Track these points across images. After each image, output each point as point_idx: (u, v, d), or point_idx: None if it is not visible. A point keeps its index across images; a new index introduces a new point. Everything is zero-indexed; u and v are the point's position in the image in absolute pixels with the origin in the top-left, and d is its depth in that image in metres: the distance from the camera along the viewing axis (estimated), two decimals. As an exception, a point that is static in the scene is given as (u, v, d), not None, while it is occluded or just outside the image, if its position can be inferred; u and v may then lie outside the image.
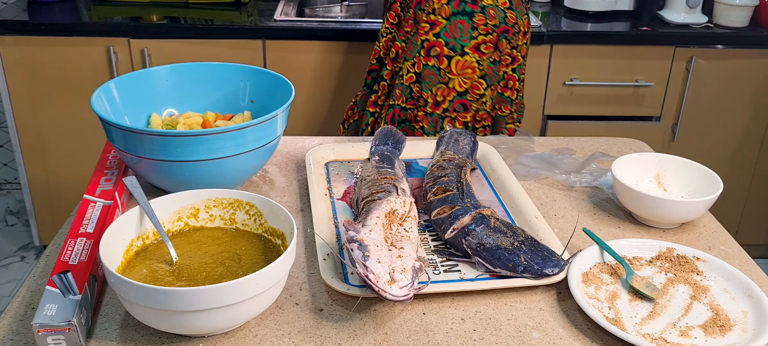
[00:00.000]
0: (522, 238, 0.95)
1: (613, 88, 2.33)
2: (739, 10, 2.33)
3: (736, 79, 2.35)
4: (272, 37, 2.21)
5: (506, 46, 1.66)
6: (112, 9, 2.35)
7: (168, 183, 1.08)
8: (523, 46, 1.71)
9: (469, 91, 1.67)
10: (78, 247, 0.88)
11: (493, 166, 1.22)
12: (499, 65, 1.67)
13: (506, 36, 1.66)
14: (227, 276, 0.83)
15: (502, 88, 1.71)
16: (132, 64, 2.23)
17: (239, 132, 1.02)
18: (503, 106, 1.73)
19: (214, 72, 1.25)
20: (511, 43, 1.67)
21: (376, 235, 0.88)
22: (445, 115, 1.69)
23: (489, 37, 1.64)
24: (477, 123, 1.71)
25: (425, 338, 0.82)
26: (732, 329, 0.85)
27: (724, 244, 1.05)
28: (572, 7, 2.45)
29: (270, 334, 0.82)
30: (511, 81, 1.71)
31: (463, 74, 1.65)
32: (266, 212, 0.91)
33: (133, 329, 0.82)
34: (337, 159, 1.25)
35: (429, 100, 1.68)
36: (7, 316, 0.84)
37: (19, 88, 2.24)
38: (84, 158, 2.33)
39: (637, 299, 0.90)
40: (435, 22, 1.63)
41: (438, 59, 1.64)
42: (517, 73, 1.71)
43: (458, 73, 1.65)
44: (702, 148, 2.45)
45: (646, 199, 1.05)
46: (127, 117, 1.17)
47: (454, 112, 1.69)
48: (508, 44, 1.66)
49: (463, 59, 1.64)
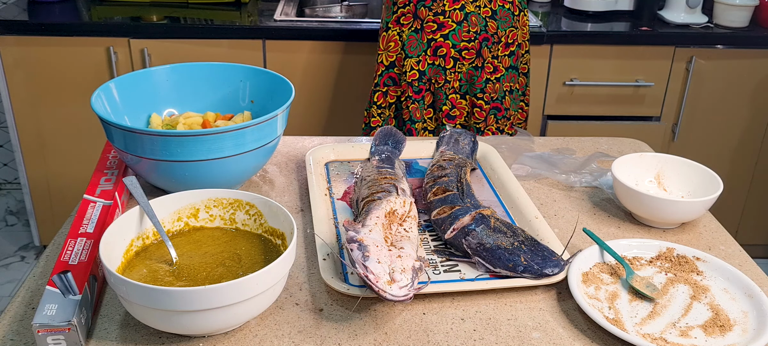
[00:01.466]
0: (522, 238, 0.95)
1: (613, 88, 2.33)
2: (739, 10, 2.33)
3: (736, 79, 2.35)
4: (272, 37, 2.21)
5: (488, 55, 1.69)
6: (112, 9, 2.35)
7: (168, 183, 1.08)
8: (506, 58, 1.73)
9: (444, 86, 1.72)
10: (78, 247, 0.88)
11: (493, 166, 1.22)
12: (482, 71, 1.71)
13: (487, 44, 1.70)
14: (227, 276, 0.83)
15: (480, 93, 1.73)
16: (132, 64, 2.23)
17: (239, 132, 1.02)
18: (477, 113, 1.76)
19: (214, 72, 1.25)
20: (491, 52, 1.69)
21: (376, 235, 0.88)
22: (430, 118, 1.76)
23: (471, 44, 1.69)
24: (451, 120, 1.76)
25: (425, 338, 0.82)
26: (732, 329, 0.85)
27: (724, 244, 1.05)
28: (572, 7, 2.45)
29: (270, 334, 0.82)
30: (489, 90, 1.73)
31: (459, 70, 1.70)
32: (266, 212, 0.91)
33: (133, 329, 0.82)
34: (337, 159, 1.25)
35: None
36: (7, 316, 0.84)
37: (19, 88, 2.24)
38: (84, 158, 2.33)
39: (637, 299, 0.90)
40: (443, 23, 1.67)
41: (444, 59, 1.69)
42: (500, 83, 1.74)
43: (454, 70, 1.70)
44: (702, 148, 2.45)
45: (646, 199, 1.05)
46: (127, 117, 1.17)
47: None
48: (489, 53, 1.69)
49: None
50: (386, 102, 1.78)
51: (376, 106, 1.79)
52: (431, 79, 1.71)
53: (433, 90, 1.73)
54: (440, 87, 1.72)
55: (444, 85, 1.71)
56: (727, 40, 2.32)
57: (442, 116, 1.74)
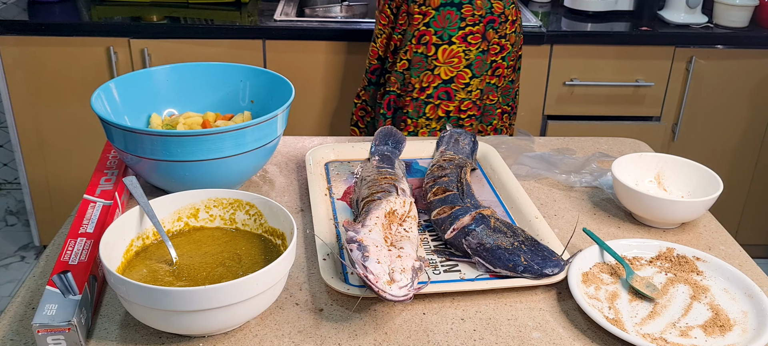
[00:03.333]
0: (522, 238, 0.95)
1: (613, 88, 2.33)
2: (739, 10, 2.33)
3: (736, 79, 2.35)
4: (272, 37, 2.21)
5: (493, 36, 1.69)
6: (112, 9, 2.35)
7: (168, 183, 1.08)
8: (513, 35, 1.73)
9: (455, 80, 1.71)
10: (78, 247, 0.88)
11: (493, 166, 1.22)
12: (487, 54, 1.70)
13: (493, 26, 1.69)
14: (227, 276, 0.83)
15: (490, 76, 1.73)
16: (132, 64, 2.23)
17: (239, 132, 1.02)
18: (490, 94, 1.75)
19: (214, 72, 1.25)
20: (498, 32, 1.70)
21: (376, 235, 0.88)
22: (429, 101, 1.73)
23: (476, 28, 1.68)
24: (462, 113, 1.73)
25: (425, 338, 0.82)
26: (732, 329, 0.85)
27: (724, 244, 1.05)
28: (572, 7, 2.45)
29: (270, 334, 0.82)
30: (499, 69, 1.74)
31: (449, 63, 1.69)
32: (266, 212, 0.91)
33: (133, 329, 0.82)
34: (337, 159, 1.25)
35: (415, 86, 1.72)
36: (7, 316, 0.84)
37: (19, 88, 2.24)
38: (84, 158, 2.33)
39: (637, 299, 0.90)
40: (426, 12, 1.67)
41: (426, 47, 1.68)
42: (505, 61, 1.73)
43: (444, 62, 1.69)
44: (702, 148, 2.45)
45: (646, 199, 1.05)
46: (127, 117, 1.17)
47: (437, 99, 1.72)
48: (495, 34, 1.69)
49: (450, 48, 1.68)
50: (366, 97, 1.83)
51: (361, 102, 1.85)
52: (412, 70, 1.71)
53: None
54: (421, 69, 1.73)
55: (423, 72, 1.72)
56: (727, 40, 2.32)
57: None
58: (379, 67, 1.84)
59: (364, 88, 1.90)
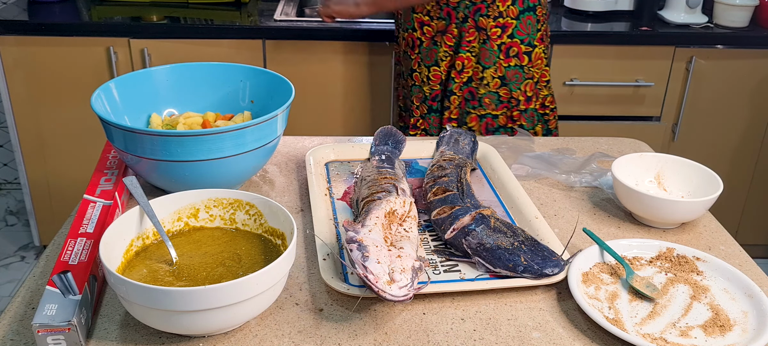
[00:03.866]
0: (522, 238, 0.95)
1: (613, 88, 2.33)
2: (739, 10, 2.33)
3: (736, 79, 2.35)
4: (272, 37, 2.21)
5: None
6: (112, 9, 2.35)
7: (168, 183, 1.08)
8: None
9: (540, 80, 1.75)
10: (78, 247, 0.88)
11: (493, 166, 1.22)
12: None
13: (547, 20, 1.75)
14: (227, 276, 0.83)
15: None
16: (132, 64, 2.23)
17: (239, 132, 1.02)
18: None
19: (214, 72, 1.25)
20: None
21: (376, 235, 0.88)
22: (541, 110, 1.78)
23: (545, 26, 1.73)
24: (545, 109, 1.79)
25: (425, 338, 0.82)
26: (732, 329, 0.85)
27: (724, 244, 1.05)
28: (572, 7, 2.45)
29: (270, 334, 0.82)
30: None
31: (538, 66, 1.72)
32: (266, 212, 0.91)
33: (133, 329, 0.82)
34: (337, 159, 1.25)
35: (520, 99, 1.73)
36: (7, 316, 0.84)
37: (19, 88, 2.24)
38: (84, 158, 2.33)
39: (637, 299, 0.90)
40: (505, 24, 1.67)
41: (518, 58, 1.69)
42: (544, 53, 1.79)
43: (534, 66, 1.72)
44: (702, 148, 2.45)
45: (646, 199, 1.05)
46: (127, 117, 1.17)
47: (550, 102, 1.80)
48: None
49: (535, 52, 1.70)
50: None
51: None
52: (510, 84, 1.72)
53: None
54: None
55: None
56: (727, 40, 2.32)
57: None
58: (440, 93, 1.78)
59: (422, 116, 1.81)
